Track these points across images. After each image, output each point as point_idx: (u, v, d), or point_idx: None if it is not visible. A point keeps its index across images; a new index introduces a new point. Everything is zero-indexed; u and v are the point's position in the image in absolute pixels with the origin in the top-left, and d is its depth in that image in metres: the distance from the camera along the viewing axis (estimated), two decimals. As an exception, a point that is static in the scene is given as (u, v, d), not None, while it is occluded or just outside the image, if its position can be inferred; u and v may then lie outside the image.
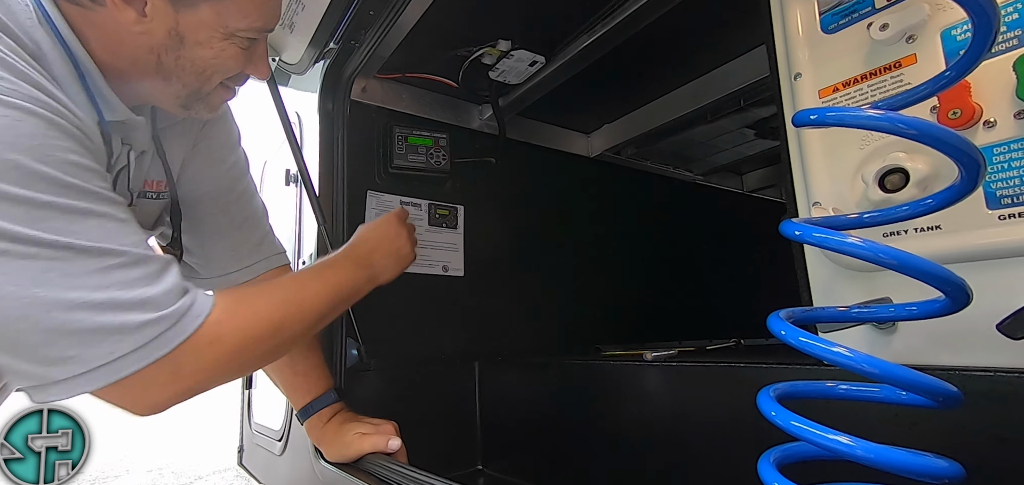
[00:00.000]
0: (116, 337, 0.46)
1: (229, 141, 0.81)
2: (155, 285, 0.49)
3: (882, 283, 0.52)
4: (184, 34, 0.57)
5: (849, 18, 0.57)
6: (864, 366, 0.35)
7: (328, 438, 0.84)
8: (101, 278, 0.45)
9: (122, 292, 0.46)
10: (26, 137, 0.43)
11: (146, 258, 0.49)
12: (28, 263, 0.42)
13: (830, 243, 0.38)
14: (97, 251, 0.46)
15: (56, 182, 0.44)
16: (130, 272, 0.47)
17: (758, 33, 1.12)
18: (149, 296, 0.48)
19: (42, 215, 0.43)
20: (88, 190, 0.47)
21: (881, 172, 0.51)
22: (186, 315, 0.50)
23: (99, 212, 0.47)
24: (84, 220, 0.45)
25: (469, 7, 0.93)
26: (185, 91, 0.62)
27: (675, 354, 0.89)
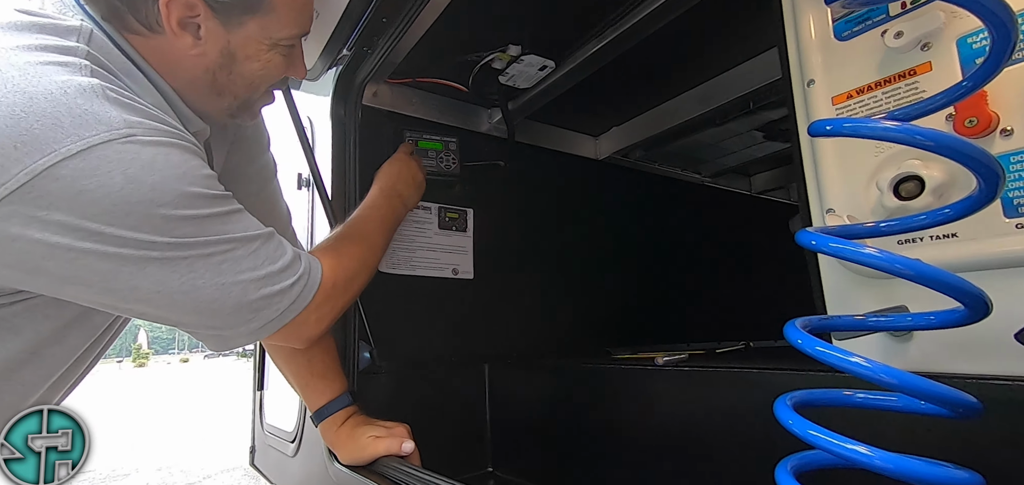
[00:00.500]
0: (277, 299, 0.61)
1: (260, 143, 0.84)
2: (285, 253, 0.62)
3: (897, 290, 0.52)
4: (235, 51, 0.62)
5: (863, 25, 0.57)
6: (882, 376, 0.35)
7: (342, 440, 0.85)
8: (255, 258, 0.59)
9: (271, 264, 0.60)
10: (175, 166, 0.52)
11: (270, 234, 0.62)
12: (208, 261, 0.55)
13: (846, 253, 0.38)
14: (245, 238, 0.58)
15: (205, 196, 0.55)
16: (268, 247, 0.61)
17: (768, 37, 1.13)
18: (287, 263, 0.62)
19: (206, 225, 0.55)
20: (222, 194, 0.58)
21: (896, 179, 0.51)
22: (312, 271, 0.65)
23: (234, 209, 0.59)
24: (229, 219, 0.57)
25: (480, 13, 0.94)
26: (235, 103, 0.67)
27: (686, 358, 0.89)
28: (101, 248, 0.49)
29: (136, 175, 0.49)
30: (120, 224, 0.49)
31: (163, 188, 0.50)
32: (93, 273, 0.50)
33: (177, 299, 0.54)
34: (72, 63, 0.50)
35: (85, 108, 0.47)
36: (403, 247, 1.18)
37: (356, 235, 0.80)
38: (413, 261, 1.19)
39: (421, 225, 1.22)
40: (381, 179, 0.94)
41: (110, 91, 0.50)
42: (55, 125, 0.46)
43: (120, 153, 0.48)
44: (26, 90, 0.46)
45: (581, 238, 1.47)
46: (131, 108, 0.51)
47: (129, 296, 0.53)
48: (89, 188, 0.47)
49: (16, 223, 0.46)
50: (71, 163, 0.46)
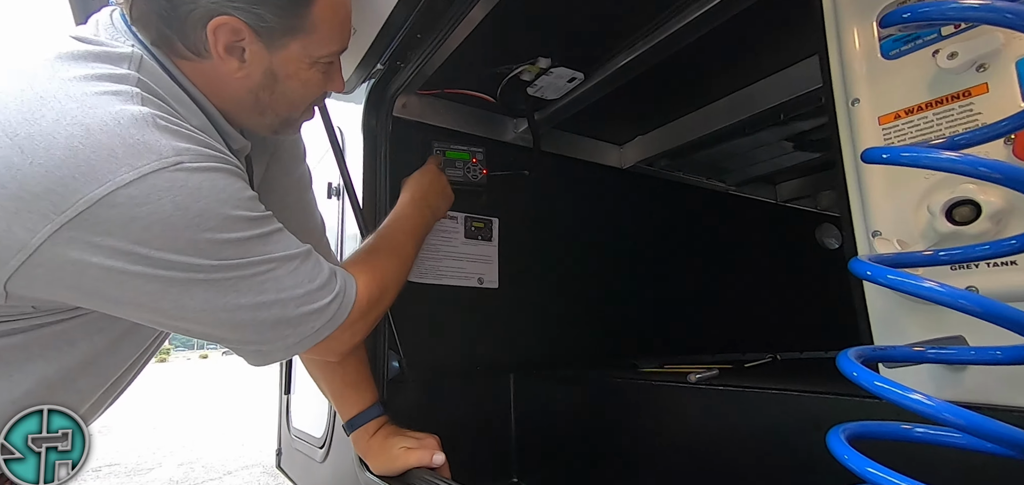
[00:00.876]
0: (314, 316, 0.63)
1: (296, 155, 0.86)
2: (323, 271, 0.64)
3: (951, 317, 0.51)
4: (277, 72, 0.64)
5: (912, 45, 0.56)
6: (947, 416, 0.34)
7: (374, 450, 0.86)
8: (295, 277, 0.61)
9: (310, 283, 0.62)
10: (220, 190, 0.54)
11: (309, 252, 0.64)
12: (250, 281, 0.57)
13: (908, 287, 0.37)
14: (286, 258, 0.60)
15: (248, 219, 0.57)
16: (307, 265, 0.62)
17: (800, 48, 1.12)
18: (324, 281, 0.64)
19: (249, 247, 0.57)
20: (264, 215, 0.60)
21: (949, 204, 0.50)
22: (347, 289, 0.67)
23: (274, 229, 0.60)
24: (269, 240, 0.59)
25: (512, 27, 0.94)
26: (277, 120, 0.69)
27: (717, 374, 0.88)
28: (150, 271, 0.51)
29: (183, 202, 0.51)
30: (169, 248, 0.51)
31: (208, 213, 0.53)
32: (143, 294, 0.53)
33: (221, 317, 0.57)
34: (124, 91, 0.52)
35: (137, 138, 0.50)
36: (430, 256, 1.19)
37: (387, 248, 0.81)
38: (440, 270, 1.20)
39: (447, 234, 1.23)
40: (411, 188, 0.95)
41: (160, 119, 0.52)
42: (111, 156, 0.48)
43: (170, 181, 0.50)
44: (83, 122, 0.48)
45: (605, 247, 1.47)
46: (179, 135, 0.53)
47: (176, 315, 0.56)
48: (141, 215, 0.49)
49: (75, 248, 0.49)
50: (125, 191, 0.48)
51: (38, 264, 0.49)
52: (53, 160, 0.47)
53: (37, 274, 0.49)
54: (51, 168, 0.47)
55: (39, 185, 0.47)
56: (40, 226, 0.47)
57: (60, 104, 0.49)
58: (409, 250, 0.85)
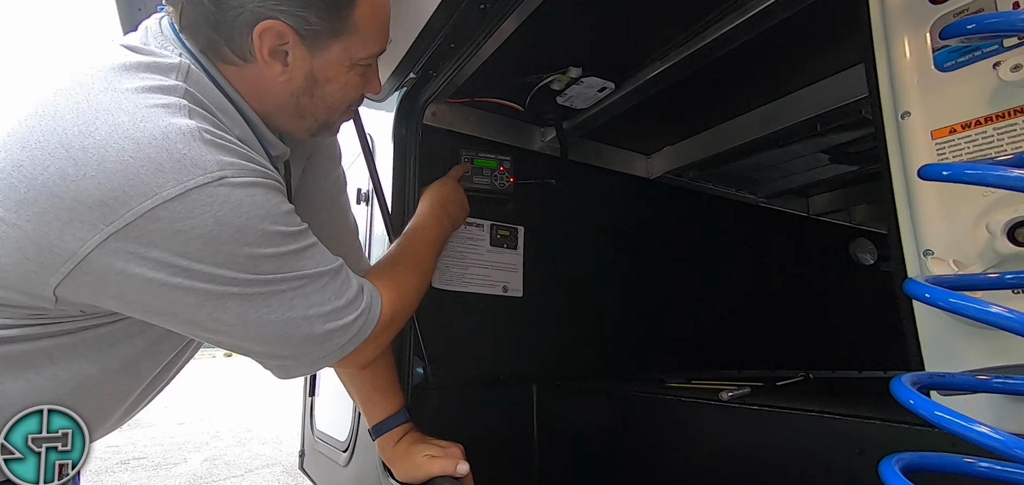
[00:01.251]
0: (340, 333, 0.63)
1: (333, 157, 0.87)
2: (351, 287, 0.65)
3: (1011, 342, 0.48)
4: (317, 75, 0.64)
5: (970, 56, 0.53)
6: (1020, 453, 0.32)
7: (398, 457, 0.86)
8: (324, 294, 0.62)
9: (337, 300, 0.63)
10: (259, 206, 0.55)
11: (339, 267, 0.65)
12: (281, 297, 0.58)
13: (973, 312, 0.35)
14: (317, 275, 0.61)
15: (285, 234, 0.58)
16: (335, 282, 0.63)
17: (839, 58, 1.08)
18: (351, 298, 0.65)
19: (284, 262, 0.58)
20: (299, 231, 0.60)
21: (1012, 223, 0.47)
22: (372, 305, 0.67)
23: (308, 244, 0.61)
24: (304, 255, 0.60)
25: (544, 37, 0.94)
26: (316, 124, 0.70)
27: (749, 393, 0.86)
28: (189, 284, 0.53)
29: (225, 217, 0.52)
30: (209, 261, 0.53)
31: (248, 228, 0.54)
32: (180, 305, 0.54)
33: (251, 331, 0.58)
34: (173, 104, 0.54)
35: (183, 153, 0.51)
36: (456, 263, 1.19)
37: (410, 261, 0.82)
38: (465, 278, 1.20)
39: (473, 242, 1.23)
40: (430, 198, 0.96)
41: (206, 133, 0.53)
42: (158, 170, 0.49)
43: (213, 196, 0.52)
44: (134, 135, 0.50)
45: (631, 258, 1.44)
46: (224, 149, 0.54)
47: (210, 326, 0.57)
48: (184, 229, 0.51)
49: (120, 258, 0.50)
50: (171, 205, 0.50)
51: (86, 272, 0.50)
52: (105, 173, 0.48)
53: (84, 281, 0.51)
54: (103, 181, 0.48)
55: (92, 197, 0.48)
56: (89, 236, 0.49)
57: (113, 117, 0.50)
58: (429, 262, 0.86)
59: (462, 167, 1.12)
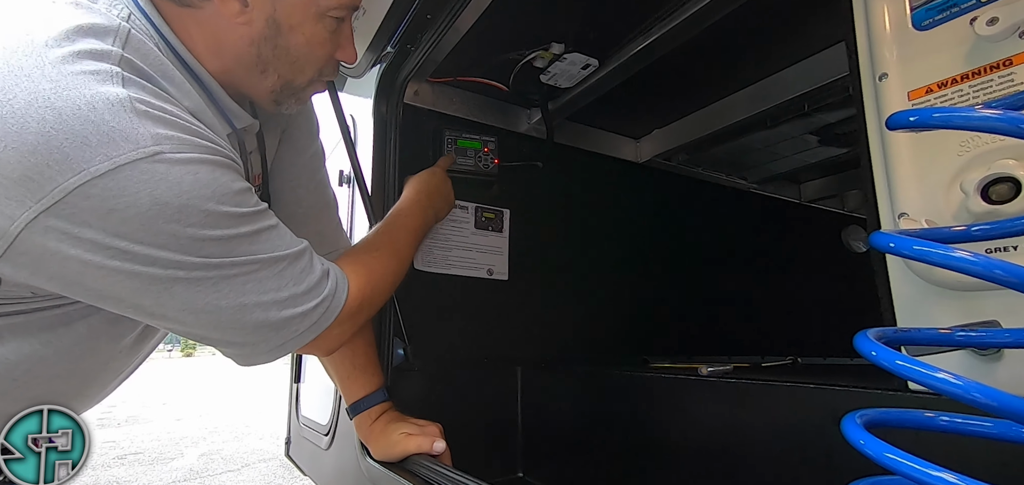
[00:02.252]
0: (298, 320, 0.61)
1: (310, 131, 0.84)
2: (313, 272, 0.62)
3: (984, 303, 0.47)
4: (280, 21, 0.61)
5: (947, 13, 0.52)
6: (977, 397, 0.31)
7: (375, 436, 0.85)
8: (280, 279, 0.59)
9: (296, 286, 0.60)
10: (203, 184, 0.51)
11: (300, 252, 0.61)
12: (232, 281, 0.55)
13: (935, 257, 0.34)
14: (272, 260, 0.58)
15: (233, 215, 0.54)
16: (295, 267, 0.60)
17: (826, 34, 1.07)
18: (313, 283, 0.62)
19: (233, 245, 0.54)
20: (253, 212, 0.57)
21: (985, 181, 0.46)
22: (337, 291, 0.65)
23: (264, 226, 0.58)
24: (257, 238, 0.57)
25: (523, 11, 0.92)
26: (279, 83, 0.65)
27: (731, 370, 0.85)
28: (130, 267, 0.50)
29: (162, 196, 0.49)
30: (149, 243, 0.49)
31: (190, 208, 0.50)
32: (123, 289, 0.51)
33: (201, 318, 0.55)
34: (103, 71, 0.49)
35: (112, 125, 0.47)
36: (439, 245, 1.18)
37: (387, 246, 0.79)
38: (449, 260, 1.19)
39: (458, 224, 1.21)
40: (416, 186, 0.94)
41: (140, 103, 0.50)
42: (83, 143, 0.46)
43: (147, 172, 0.48)
44: (56, 105, 0.46)
45: (619, 243, 1.43)
46: (161, 121, 0.50)
47: (157, 312, 0.54)
48: (118, 207, 0.47)
49: (53, 238, 0.47)
50: (100, 182, 0.46)
51: (20, 252, 0.48)
52: (26, 145, 0.45)
53: (21, 261, 0.49)
54: (24, 153, 0.45)
55: (14, 171, 0.45)
56: (17, 213, 0.46)
57: (33, 84, 0.46)
58: (407, 250, 0.83)
59: (449, 158, 1.11)
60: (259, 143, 0.75)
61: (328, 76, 0.70)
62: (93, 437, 0.61)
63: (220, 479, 4.06)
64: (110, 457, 4.73)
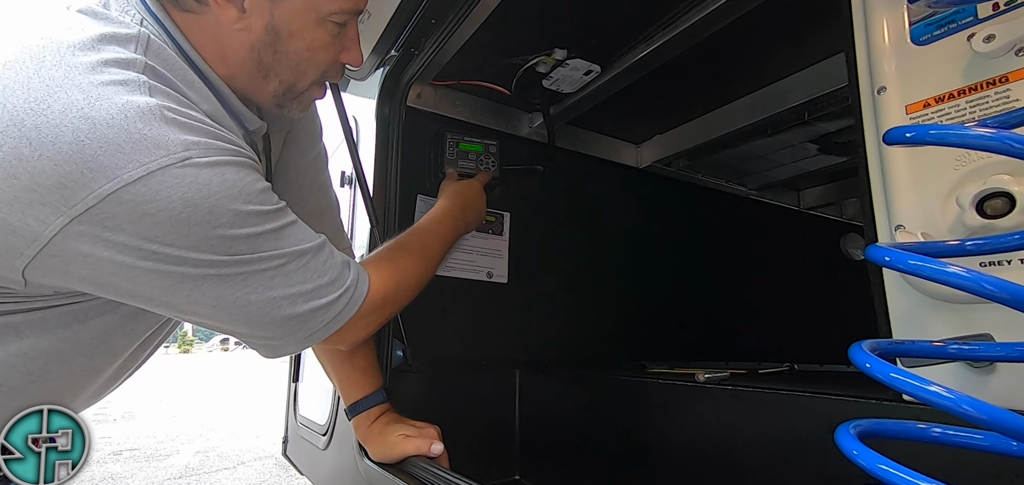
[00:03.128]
0: (323, 311, 0.62)
1: (313, 133, 0.85)
2: (334, 264, 0.64)
3: (979, 316, 0.47)
4: (279, 27, 0.61)
5: (946, 29, 0.52)
6: (968, 410, 0.31)
7: (373, 437, 0.85)
8: (305, 272, 0.60)
9: (320, 278, 0.62)
10: (230, 185, 0.53)
11: (321, 245, 0.63)
12: (260, 276, 0.57)
13: (929, 272, 0.34)
14: (297, 253, 0.60)
15: (259, 213, 0.56)
16: (318, 259, 0.62)
17: (827, 44, 1.08)
18: (335, 275, 0.63)
19: (260, 242, 0.56)
20: (276, 209, 0.58)
21: (981, 196, 0.46)
22: (359, 284, 0.66)
23: (287, 222, 0.60)
24: (281, 234, 0.59)
25: (527, 16, 0.93)
26: (281, 88, 0.66)
27: (728, 376, 0.85)
28: (161, 267, 0.52)
29: (193, 198, 0.50)
30: (180, 244, 0.51)
31: (219, 209, 0.52)
32: (155, 288, 0.53)
33: (232, 313, 0.57)
34: (131, 80, 0.51)
35: (144, 133, 0.49)
36: (440, 248, 1.18)
37: (416, 248, 0.80)
38: (449, 262, 1.19)
39: (458, 226, 1.22)
40: (453, 197, 0.95)
41: (168, 111, 0.51)
42: (117, 151, 0.47)
43: (178, 177, 0.50)
44: (90, 115, 0.47)
45: (619, 247, 1.44)
46: (188, 127, 0.52)
47: (188, 308, 0.56)
48: (151, 212, 0.49)
49: (86, 242, 0.49)
50: (133, 188, 0.48)
51: (52, 255, 0.49)
52: (61, 154, 0.46)
53: (52, 264, 0.50)
54: (59, 162, 0.46)
55: (49, 178, 0.46)
56: (52, 219, 0.47)
57: (66, 95, 0.48)
58: (435, 255, 0.84)
59: (486, 174, 1.12)
60: (265, 144, 0.75)
61: (332, 79, 0.71)
62: (93, 437, 0.62)
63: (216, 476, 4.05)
64: (106, 453, 4.72)
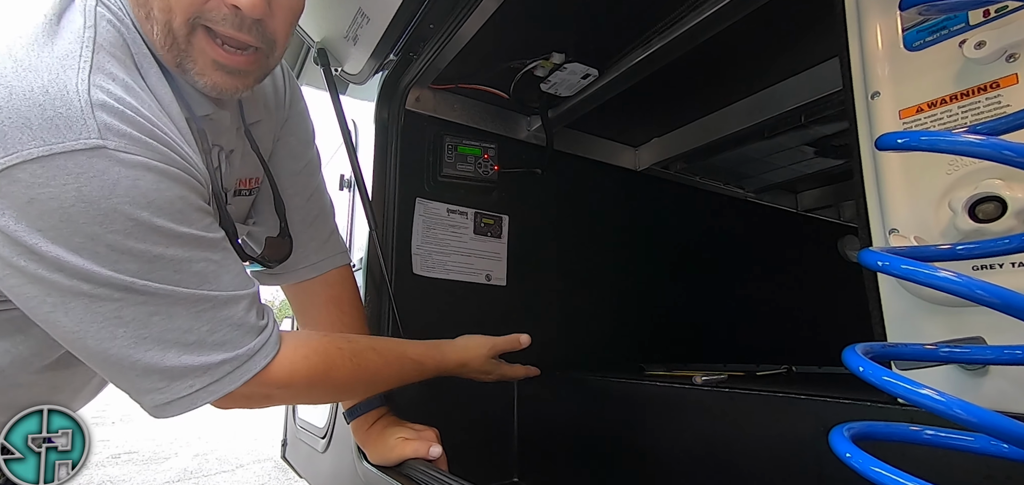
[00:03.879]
0: (197, 374, 0.52)
1: (305, 138, 0.84)
2: (237, 325, 0.55)
3: (971, 319, 0.48)
4: None
5: (937, 35, 0.53)
6: (959, 413, 0.32)
7: (372, 440, 0.86)
8: (194, 321, 0.52)
9: (209, 334, 0.52)
10: (140, 191, 0.47)
11: (232, 299, 0.55)
12: (138, 309, 0.49)
13: (921, 277, 0.35)
14: (193, 298, 0.51)
15: (167, 233, 0.49)
16: (219, 312, 0.53)
17: (824, 48, 1.08)
18: (229, 336, 0.54)
19: (154, 266, 0.49)
20: (195, 236, 0.51)
21: (973, 200, 0.47)
22: (255, 356, 0.56)
23: (200, 258, 0.52)
24: (188, 267, 0.51)
25: (525, 20, 0.94)
26: (162, 33, 0.54)
27: (725, 378, 0.85)
28: (32, 269, 0.46)
29: (90, 193, 0.45)
30: (61, 243, 0.45)
31: (117, 213, 0.46)
32: (20, 294, 0.48)
33: (90, 346, 0.49)
34: (71, 54, 0.47)
35: (58, 111, 0.44)
36: (438, 250, 1.19)
37: (368, 356, 0.69)
38: (447, 265, 1.20)
39: (457, 229, 1.22)
40: (458, 355, 0.87)
41: (101, 92, 0.46)
42: (25, 125, 0.43)
43: (81, 166, 0.44)
44: (10, 84, 0.44)
45: (617, 250, 1.44)
46: (118, 114, 0.47)
47: (50, 328, 0.49)
48: (41, 197, 0.44)
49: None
50: (30, 167, 0.43)
51: None
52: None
53: None
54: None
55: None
56: None
57: (0, 63, 0.45)
58: (385, 374, 0.74)
59: (527, 370, 0.99)
60: (250, 142, 0.73)
61: (216, 23, 0.55)
62: (93, 437, 0.61)
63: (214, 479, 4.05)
64: (104, 456, 4.71)
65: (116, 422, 6.45)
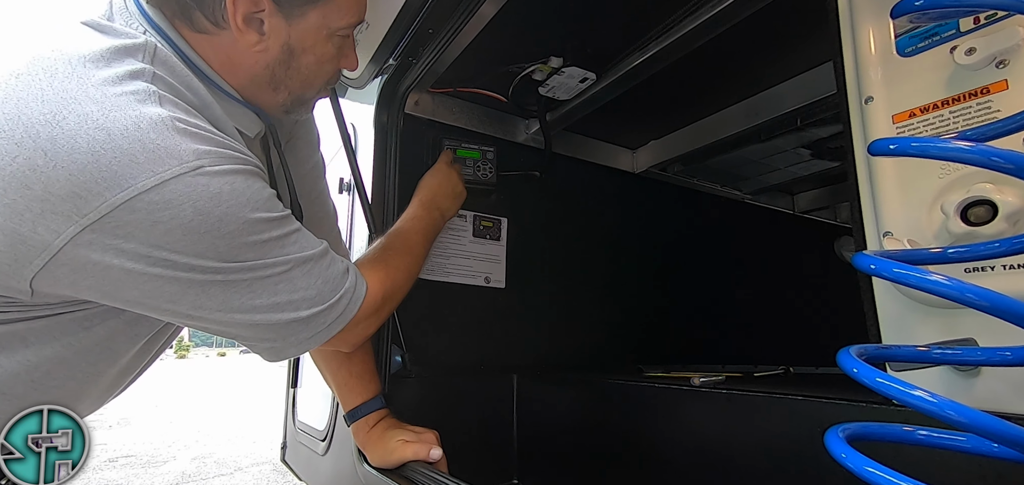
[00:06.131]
0: (324, 314, 0.64)
1: (311, 142, 0.86)
2: (336, 269, 0.65)
3: (963, 321, 0.49)
4: (294, 45, 0.64)
5: (929, 41, 0.54)
6: (951, 414, 0.32)
7: (372, 442, 0.86)
8: (308, 278, 0.62)
9: (323, 284, 0.63)
10: (239, 194, 0.54)
11: (323, 251, 0.65)
12: (265, 282, 0.59)
13: (912, 280, 0.36)
14: (301, 260, 0.61)
15: (267, 220, 0.58)
16: (320, 265, 0.64)
17: (819, 52, 1.10)
18: (336, 280, 0.65)
19: (267, 249, 0.58)
20: (281, 216, 0.60)
21: (964, 203, 0.48)
22: (357, 287, 0.68)
23: (291, 229, 0.61)
24: (287, 240, 0.60)
25: (524, 25, 0.94)
26: (290, 98, 0.68)
27: (723, 380, 0.86)
28: (170, 274, 0.53)
29: (204, 207, 0.52)
30: (189, 252, 0.52)
31: (229, 218, 0.53)
32: (163, 295, 0.54)
33: (237, 318, 0.59)
34: (142, 91, 0.52)
35: (157, 143, 0.50)
36: (438, 253, 1.19)
37: (401, 247, 0.83)
38: (447, 267, 1.20)
39: (456, 232, 1.23)
40: (422, 191, 0.97)
41: (179, 121, 0.53)
42: (132, 161, 0.49)
43: (190, 186, 0.51)
44: (105, 126, 0.49)
45: (616, 252, 1.45)
46: (199, 137, 0.54)
47: (194, 314, 0.57)
48: (162, 220, 0.50)
49: (96, 250, 0.50)
50: (146, 197, 0.49)
51: (61, 264, 0.50)
52: (76, 164, 0.47)
53: (61, 274, 0.51)
54: (74, 172, 0.47)
55: (63, 188, 0.47)
56: (63, 228, 0.48)
57: (81, 107, 0.49)
58: (420, 251, 0.86)
59: (447, 153, 1.11)
60: (264, 147, 0.76)
61: (332, 84, 0.74)
62: (93, 437, 0.62)
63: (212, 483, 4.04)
64: (102, 460, 4.69)
65: (114, 425, 6.43)
